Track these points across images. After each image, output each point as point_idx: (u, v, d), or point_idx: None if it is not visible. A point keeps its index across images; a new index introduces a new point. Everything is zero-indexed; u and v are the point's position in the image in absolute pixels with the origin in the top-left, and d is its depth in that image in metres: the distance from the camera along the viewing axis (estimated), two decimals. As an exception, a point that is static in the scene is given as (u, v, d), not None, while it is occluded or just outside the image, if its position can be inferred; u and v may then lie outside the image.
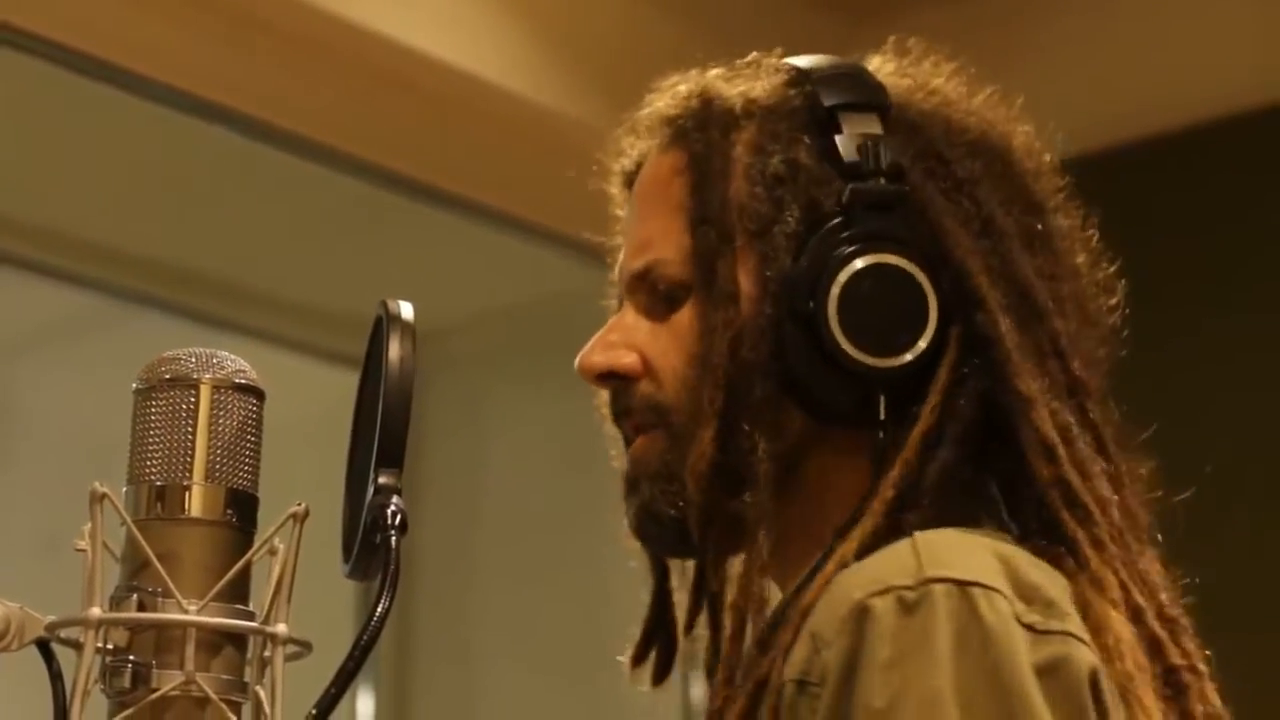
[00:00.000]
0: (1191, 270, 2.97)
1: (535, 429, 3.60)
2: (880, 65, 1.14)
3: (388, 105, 2.80)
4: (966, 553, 0.97)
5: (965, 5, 2.99)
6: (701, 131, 1.11)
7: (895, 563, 0.96)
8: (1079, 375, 1.07)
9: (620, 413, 1.12)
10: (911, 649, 0.92)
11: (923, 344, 1.04)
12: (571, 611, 3.37)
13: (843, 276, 1.05)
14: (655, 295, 1.11)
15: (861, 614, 0.93)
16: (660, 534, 1.09)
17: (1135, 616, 1.02)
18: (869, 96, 1.10)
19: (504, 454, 3.65)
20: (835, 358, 1.04)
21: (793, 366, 1.05)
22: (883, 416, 1.04)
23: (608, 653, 1.28)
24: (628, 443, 1.13)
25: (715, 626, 1.16)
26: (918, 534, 0.98)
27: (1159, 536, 1.08)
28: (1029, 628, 0.94)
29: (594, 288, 1.21)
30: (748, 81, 1.13)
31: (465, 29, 2.76)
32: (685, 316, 1.09)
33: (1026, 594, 0.96)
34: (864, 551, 0.99)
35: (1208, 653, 1.05)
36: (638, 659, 1.17)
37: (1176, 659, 1.02)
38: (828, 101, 1.09)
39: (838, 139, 1.07)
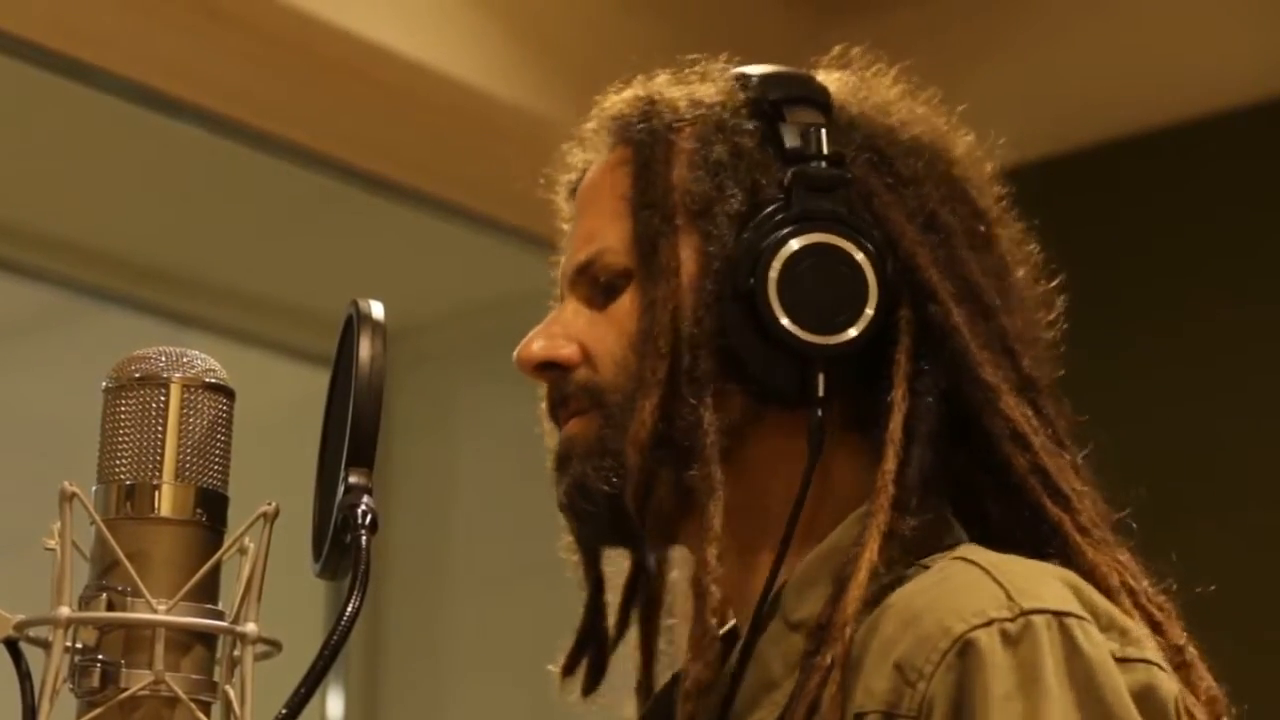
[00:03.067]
0: (1180, 265, 2.97)
1: (506, 427, 3.59)
2: (825, 74, 1.15)
3: (356, 101, 2.79)
4: (1045, 581, 0.97)
5: (935, 2, 2.99)
6: (645, 123, 1.12)
7: (982, 591, 0.95)
8: (1029, 372, 1.07)
9: (557, 402, 1.12)
10: (1024, 682, 0.92)
11: (863, 323, 1.04)
12: (542, 612, 3.36)
13: (783, 253, 1.05)
14: (595, 286, 1.11)
15: (966, 647, 0.93)
16: (593, 511, 1.08)
17: (1133, 600, 1.02)
18: (812, 94, 1.11)
19: (475, 452, 3.65)
20: (774, 334, 1.04)
21: (733, 343, 1.05)
22: (821, 394, 1.04)
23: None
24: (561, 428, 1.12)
25: (647, 636, 1.16)
26: (972, 556, 0.99)
27: (1130, 528, 1.09)
28: (1113, 656, 0.95)
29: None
30: (693, 84, 1.14)
31: (435, 26, 2.76)
32: (625, 302, 1.09)
33: (1103, 622, 0.97)
34: (893, 557, 0.99)
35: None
36: (568, 669, 1.16)
37: (1177, 638, 1.03)
38: (772, 96, 1.10)
39: (781, 126, 1.08)
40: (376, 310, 0.88)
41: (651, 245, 1.08)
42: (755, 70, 1.13)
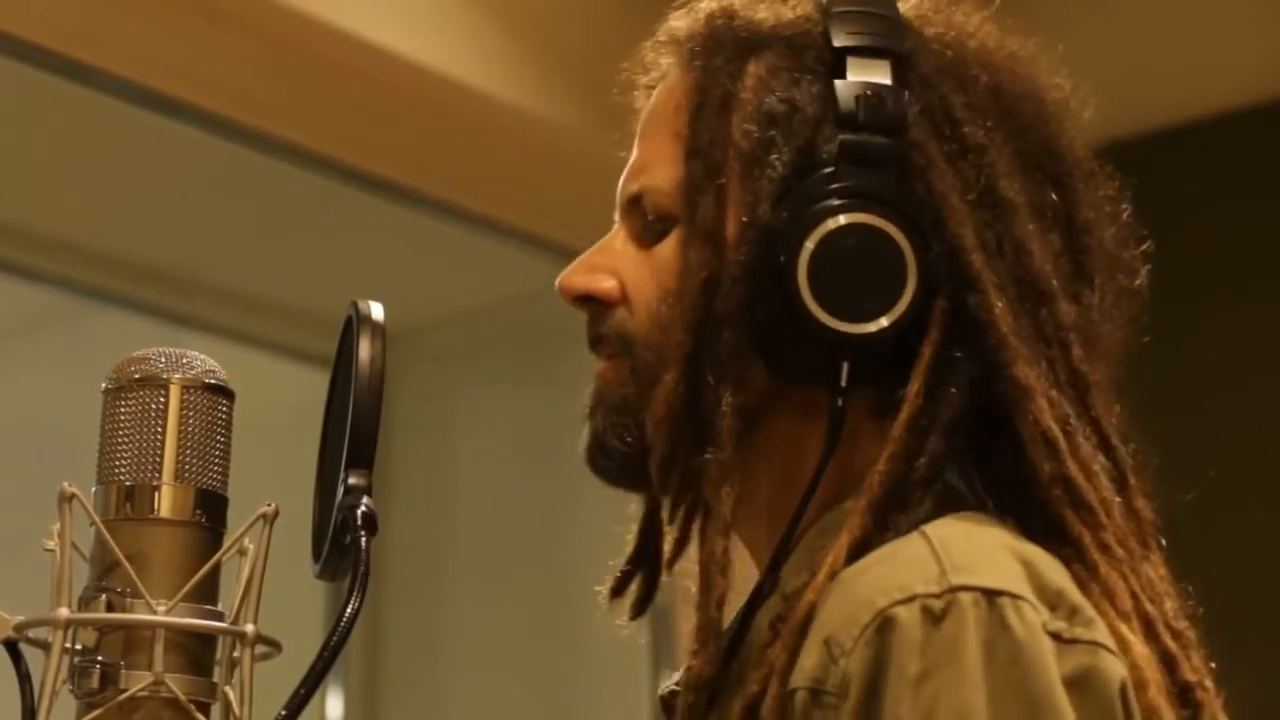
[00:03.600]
0: (1202, 261, 2.97)
1: (506, 428, 3.60)
2: (916, 5, 1.07)
3: (355, 102, 2.79)
4: (988, 555, 0.92)
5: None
6: (708, 58, 1.05)
7: (915, 567, 0.91)
8: (1079, 366, 1.01)
9: (595, 339, 1.08)
10: (941, 663, 0.88)
11: (895, 314, 0.98)
12: (542, 612, 3.37)
13: (818, 232, 0.98)
14: (644, 221, 1.06)
15: (885, 624, 0.89)
16: (609, 465, 1.05)
17: (1147, 629, 0.97)
18: (884, 40, 1.02)
19: (474, 453, 3.65)
20: (800, 316, 0.98)
21: (760, 319, 1.00)
22: (843, 384, 0.99)
23: (578, 655, 1.28)
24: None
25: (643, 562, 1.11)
26: (930, 531, 0.94)
27: (1162, 540, 1.03)
28: (1055, 636, 0.90)
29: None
30: (770, 7, 1.07)
31: (434, 26, 2.76)
32: (668, 249, 1.04)
33: (1051, 599, 0.92)
34: (856, 554, 0.95)
35: (1213, 665, 1.01)
36: (617, 590, 1.11)
37: (1189, 675, 0.98)
38: (838, 42, 1.02)
39: (838, 84, 1.01)
40: (376, 311, 0.88)
41: (694, 200, 1.02)
42: (833, 0, 1.04)
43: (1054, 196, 1.03)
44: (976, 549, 0.93)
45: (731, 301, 1.00)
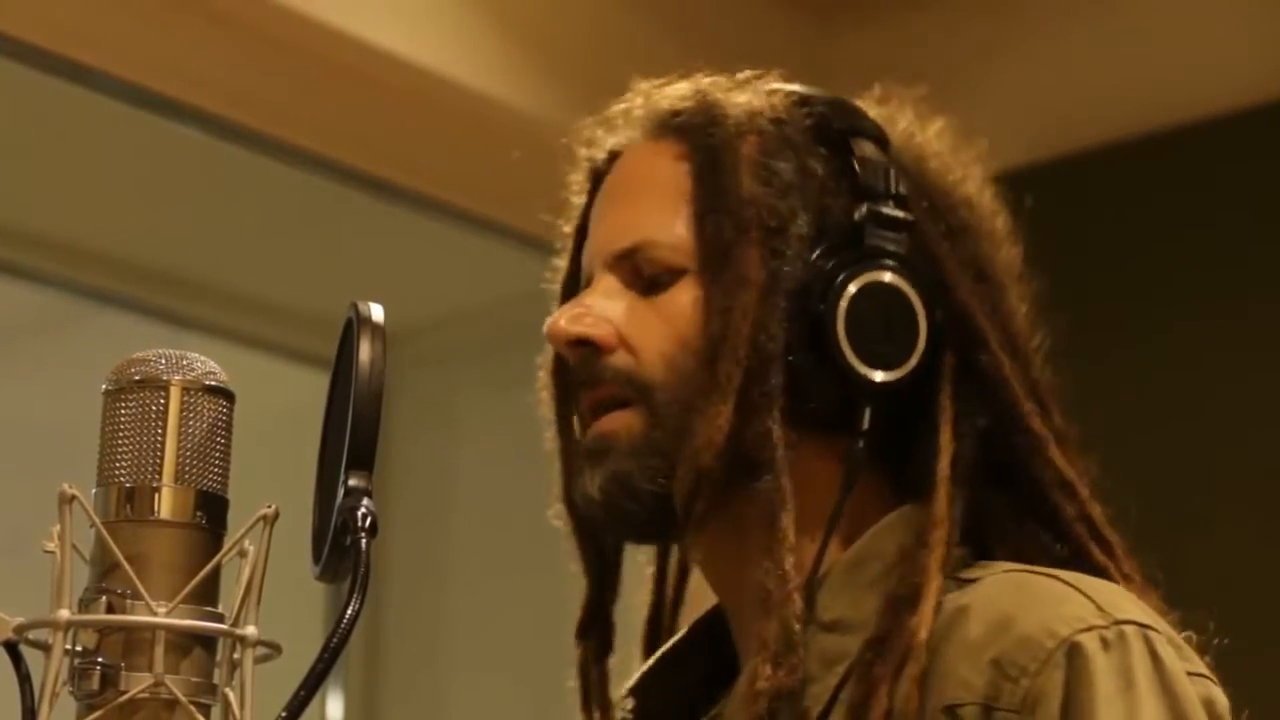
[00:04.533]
0: (1174, 270, 2.98)
1: (505, 429, 3.60)
2: (868, 108, 1.17)
3: (356, 104, 2.79)
4: (1122, 596, 1.04)
5: (936, 8, 2.99)
6: (708, 127, 1.12)
7: (1075, 602, 1.02)
8: (1060, 424, 1.12)
9: (585, 381, 1.12)
10: (1124, 685, 0.99)
11: (912, 363, 1.08)
12: (542, 614, 3.36)
13: (853, 286, 1.08)
14: (637, 275, 1.12)
15: (1073, 649, 0.99)
16: (634, 509, 1.09)
17: None
18: (874, 129, 1.14)
19: (474, 455, 3.65)
20: (836, 362, 1.08)
21: (795, 362, 1.08)
22: (865, 427, 1.08)
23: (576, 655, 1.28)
24: (580, 412, 1.13)
25: (657, 609, 1.19)
26: (1056, 572, 1.04)
27: (1158, 578, 1.13)
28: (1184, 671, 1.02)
29: (564, 287, 1.20)
30: (745, 93, 1.15)
31: (434, 28, 2.76)
32: (677, 299, 1.10)
33: (1169, 639, 1.03)
34: (953, 583, 1.04)
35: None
36: (581, 635, 1.20)
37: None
38: (838, 125, 1.13)
39: (854, 159, 1.11)
40: (376, 313, 0.88)
41: (724, 252, 1.09)
42: (814, 93, 1.16)
43: (1015, 279, 1.15)
44: (1106, 589, 1.04)
45: (778, 343, 1.08)
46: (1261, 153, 2.97)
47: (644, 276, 1.11)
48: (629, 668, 1.19)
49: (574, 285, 1.17)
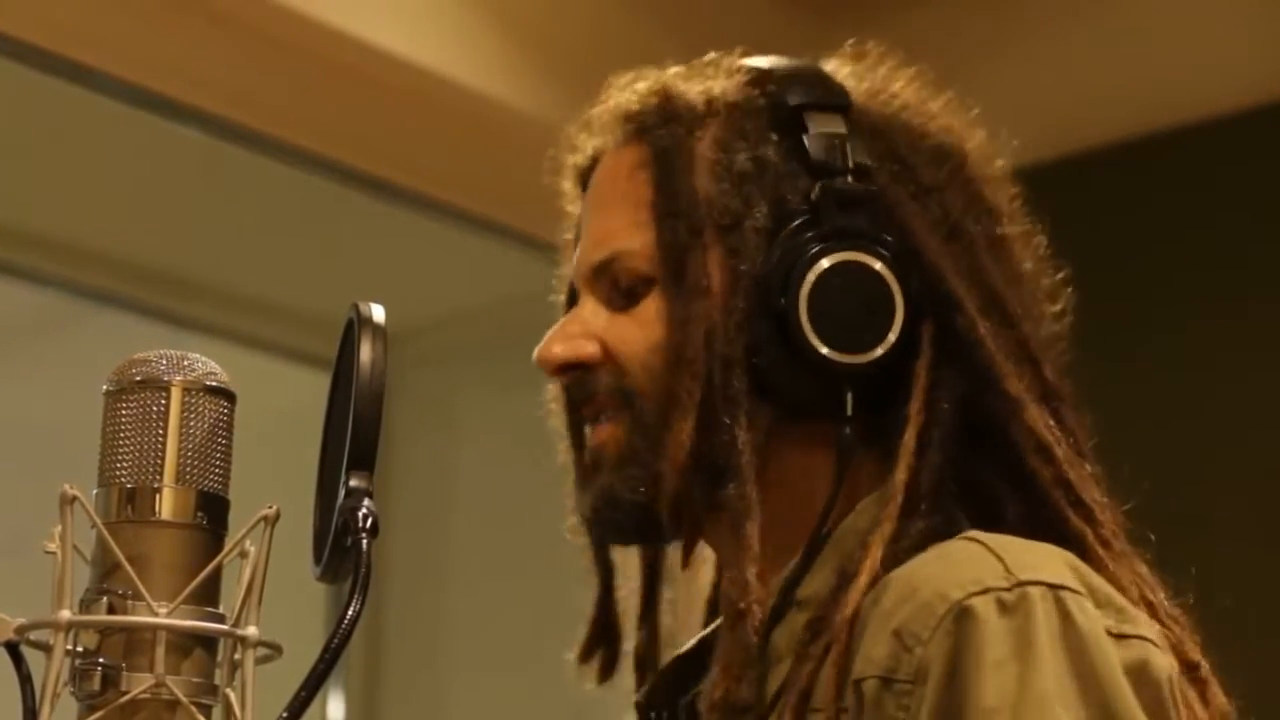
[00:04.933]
0: (1176, 269, 2.98)
1: (506, 430, 3.60)
2: (837, 68, 1.15)
3: (356, 104, 2.79)
4: (1044, 557, 0.99)
5: (935, 6, 2.99)
6: (664, 126, 1.11)
7: (980, 564, 0.97)
8: (1052, 380, 1.09)
9: (581, 400, 1.12)
10: (1017, 650, 0.94)
11: (889, 341, 1.05)
12: (542, 614, 3.36)
13: (812, 274, 1.06)
14: (615, 288, 1.11)
15: (963, 614, 0.95)
16: (619, 519, 1.10)
17: (1151, 613, 1.03)
18: (833, 98, 1.11)
19: (475, 455, 3.65)
20: (804, 354, 1.05)
21: (762, 361, 1.06)
22: (849, 413, 1.06)
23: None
24: (579, 434, 1.13)
25: (651, 619, 1.17)
26: (975, 535, 1.00)
27: (1148, 538, 1.10)
28: (1107, 632, 0.96)
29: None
30: (707, 80, 1.13)
31: (434, 28, 2.76)
32: (650, 308, 1.09)
33: (1099, 599, 0.98)
34: (891, 558, 1.00)
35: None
36: (584, 657, 1.19)
37: (1194, 655, 1.04)
38: (792, 101, 1.10)
39: (805, 138, 1.08)
40: (377, 313, 0.88)
41: (679, 257, 1.08)
42: (771, 67, 1.13)
43: (996, 230, 1.11)
44: (1031, 551, 0.99)
45: (737, 347, 1.06)
46: (1263, 153, 2.97)
47: (621, 288, 1.11)
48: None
49: (574, 296, 1.17)
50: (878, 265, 1.06)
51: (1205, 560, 1.13)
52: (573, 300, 1.17)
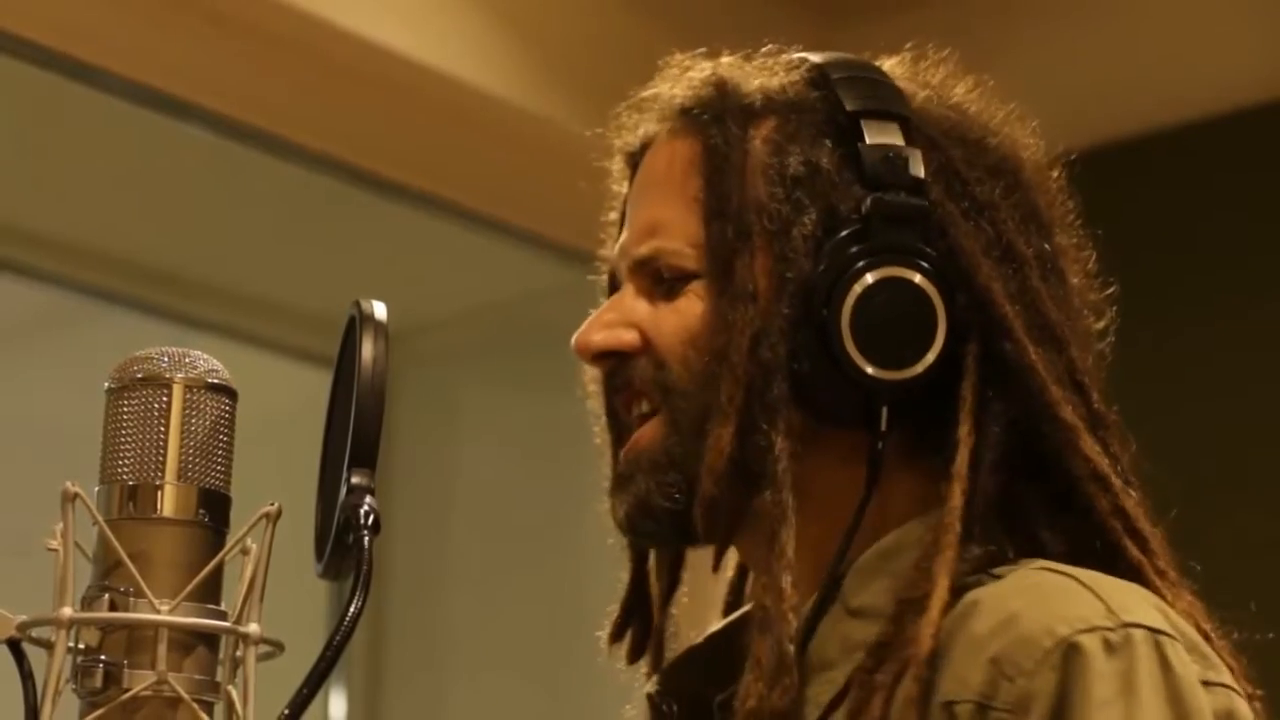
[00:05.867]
0: (1209, 260, 2.98)
1: (509, 429, 3.60)
2: (895, 69, 1.13)
3: (359, 103, 2.79)
4: (1139, 598, 1.00)
5: (940, 7, 2.99)
6: (718, 123, 1.10)
7: (1082, 601, 0.98)
8: (1099, 408, 1.08)
9: (618, 386, 1.11)
10: (1123, 690, 0.95)
11: (929, 360, 1.05)
12: (544, 613, 3.37)
13: (858, 287, 1.05)
14: (658, 280, 1.10)
15: (1071, 650, 0.96)
16: (654, 529, 1.09)
17: (1208, 643, 1.03)
18: (891, 105, 1.09)
19: (477, 454, 3.65)
20: (843, 366, 1.05)
21: (802, 369, 1.05)
22: (884, 428, 1.05)
23: (581, 653, 1.28)
24: (616, 420, 1.12)
25: (662, 609, 1.17)
26: (1062, 568, 1.01)
27: (1193, 569, 1.10)
28: (1200, 681, 0.98)
29: (567, 287, 1.21)
30: (765, 75, 1.12)
31: (437, 27, 2.76)
32: (693, 304, 1.08)
33: (1188, 645, 0.99)
34: (959, 586, 1.01)
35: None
36: (615, 636, 1.17)
37: (1245, 687, 1.04)
38: (850, 106, 1.08)
39: (860, 147, 1.07)
40: (379, 311, 0.88)
41: (727, 260, 1.07)
42: (831, 67, 1.11)
43: (1047, 247, 1.10)
44: (1123, 589, 1.01)
45: (780, 354, 1.05)
46: (1264, 153, 2.97)
47: (664, 280, 1.10)
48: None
49: (615, 280, 1.15)
50: (923, 283, 1.05)
51: (1239, 551, 1.12)
52: (613, 285, 1.15)
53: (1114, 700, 0.95)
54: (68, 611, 0.83)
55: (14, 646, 0.85)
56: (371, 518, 0.83)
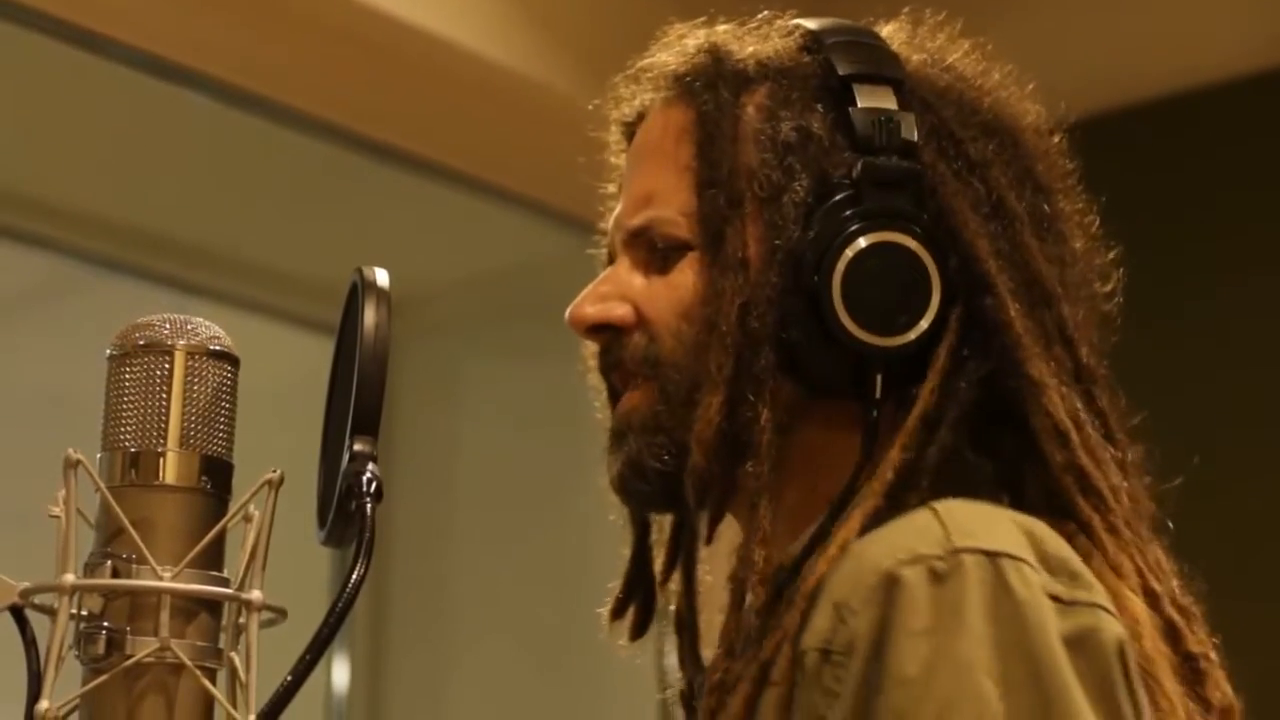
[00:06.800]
0: (1213, 230, 2.97)
1: (511, 397, 3.60)
2: (893, 34, 1.13)
3: (362, 70, 2.79)
4: (991, 523, 0.97)
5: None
6: (711, 91, 1.09)
7: (921, 532, 0.95)
8: (1086, 361, 1.07)
9: (611, 365, 1.11)
10: (944, 619, 0.92)
11: (924, 325, 1.04)
12: (546, 580, 3.38)
13: (849, 253, 1.04)
14: (652, 251, 1.10)
15: (891, 583, 0.93)
16: (645, 489, 1.08)
17: (1152, 602, 1.01)
18: (884, 69, 1.08)
19: (480, 422, 3.65)
20: (835, 334, 1.04)
21: (793, 338, 1.05)
22: (878, 395, 1.04)
23: (583, 622, 1.28)
24: (615, 396, 1.12)
25: (689, 583, 1.16)
26: (936, 504, 0.97)
27: (1166, 525, 1.08)
28: (1055, 599, 0.94)
29: (570, 255, 1.20)
30: (759, 41, 1.11)
31: (440, -5, 2.75)
32: (685, 275, 1.08)
33: (1052, 565, 0.95)
34: (868, 530, 0.99)
35: (1215, 641, 1.05)
36: (616, 613, 1.16)
37: (1194, 646, 1.02)
38: (842, 70, 1.08)
39: (851, 111, 1.06)
40: (381, 278, 0.88)
41: (718, 228, 1.06)
42: (824, 32, 1.10)
43: (1045, 208, 1.09)
44: (981, 517, 0.97)
45: (768, 323, 1.04)
46: (1263, 122, 2.97)
47: (659, 250, 1.10)
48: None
49: (614, 253, 1.15)
50: (915, 246, 1.04)
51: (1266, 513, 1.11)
52: (612, 258, 1.15)
53: (932, 630, 0.91)
54: (70, 578, 0.83)
55: (17, 613, 0.86)
56: (374, 485, 0.83)
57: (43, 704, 0.82)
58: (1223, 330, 2.95)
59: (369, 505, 0.83)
